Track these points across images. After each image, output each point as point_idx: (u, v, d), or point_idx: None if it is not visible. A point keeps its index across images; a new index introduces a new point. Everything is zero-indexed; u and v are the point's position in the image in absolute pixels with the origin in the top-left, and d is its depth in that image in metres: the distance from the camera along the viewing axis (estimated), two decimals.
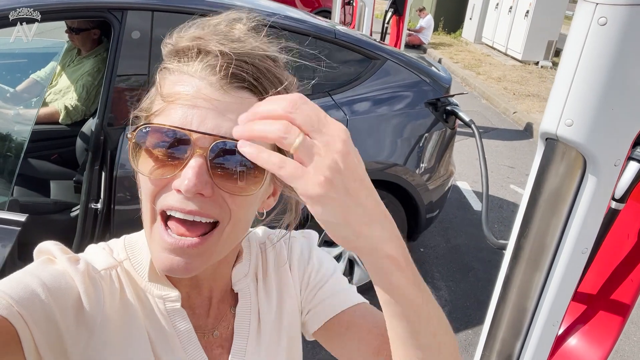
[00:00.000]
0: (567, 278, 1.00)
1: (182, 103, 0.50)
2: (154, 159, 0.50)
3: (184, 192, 0.47)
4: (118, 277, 0.58)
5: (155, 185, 0.51)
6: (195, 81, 0.50)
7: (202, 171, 0.48)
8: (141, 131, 0.51)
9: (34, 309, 0.47)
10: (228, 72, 0.50)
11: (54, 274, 0.52)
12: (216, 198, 0.50)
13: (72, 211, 2.18)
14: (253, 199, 0.54)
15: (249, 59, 0.51)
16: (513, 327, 1.10)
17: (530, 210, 0.99)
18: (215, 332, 0.64)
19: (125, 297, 0.57)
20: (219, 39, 0.51)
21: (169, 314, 0.59)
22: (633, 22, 0.75)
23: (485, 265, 3.32)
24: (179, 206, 0.49)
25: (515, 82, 8.23)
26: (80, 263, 0.54)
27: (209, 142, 0.48)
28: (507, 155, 5.34)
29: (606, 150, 0.85)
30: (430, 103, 2.63)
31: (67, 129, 2.67)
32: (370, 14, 5.20)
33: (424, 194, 2.69)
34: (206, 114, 0.49)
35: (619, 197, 1.04)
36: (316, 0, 10.52)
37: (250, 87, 0.51)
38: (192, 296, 0.62)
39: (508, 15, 9.91)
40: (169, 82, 0.53)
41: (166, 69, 0.54)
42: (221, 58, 0.50)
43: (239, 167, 0.49)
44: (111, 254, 0.60)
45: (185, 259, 0.50)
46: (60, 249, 0.56)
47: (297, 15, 2.48)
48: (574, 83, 0.82)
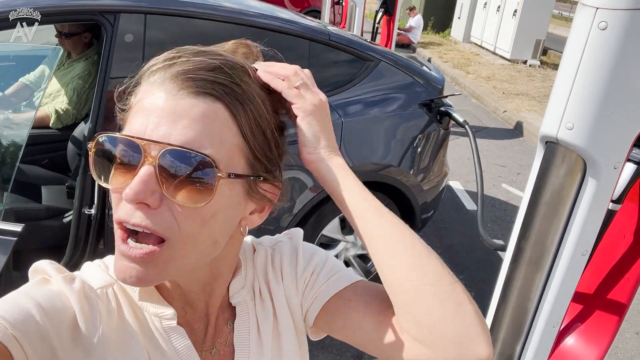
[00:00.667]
0: (568, 280, 1.00)
1: (141, 112, 0.50)
2: (112, 170, 0.50)
3: (126, 201, 0.47)
4: (115, 295, 0.57)
5: (115, 197, 0.50)
6: (155, 90, 0.50)
7: (149, 179, 0.47)
8: (98, 141, 0.51)
9: (28, 331, 0.46)
10: (186, 79, 0.50)
11: (49, 295, 0.51)
12: (163, 211, 0.49)
13: (64, 217, 2.15)
14: (209, 213, 0.51)
15: (215, 63, 0.51)
16: (514, 328, 1.10)
17: (530, 213, 0.99)
18: (213, 350, 0.63)
19: (122, 315, 0.56)
20: (185, 53, 0.53)
21: (166, 332, 0.58)
22: (633, 26, 0.76)
23: (480, 265, 3.34)
24: (124, 217, 0.48)
25: (504, 81, 8.30)
26: (76, 282, 0.54)
27: (158, 150, 0.48)
28: (498, 154, 5.38)
29: (606, 153, 0.86)
30: (423, 104, 2.63)
31: (58, 133, 2.64)
32: (360, 14, 5.20)
33: (418, 195, 2.70)
34: (159, 121, 0.49)
35: (616, 198, 1.05)
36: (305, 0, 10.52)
37: (212, 93, 0.50)
38: (189, 313, 0.61)
39: (496, 14, 9.99)
40: (137, 94, 0.53)
41: (140, 81, 0.54)
42: (181, 66, 0.50)
43: (186, 178, 0.48)
44: (107, 271, 0.59)
45: (138, 267, 0.49)
46: (55, 268, 0.55)
47: (289, 17, 2.47)
48: (575, 87, 0.83)
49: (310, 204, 2.39)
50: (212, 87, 0.50)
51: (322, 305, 0.66)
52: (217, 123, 0.50)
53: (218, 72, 0.51)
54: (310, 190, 2.35)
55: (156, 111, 0.49)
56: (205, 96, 0.50)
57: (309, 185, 2.34)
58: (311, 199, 2.38)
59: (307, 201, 2.37)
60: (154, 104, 0.49)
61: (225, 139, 0.51)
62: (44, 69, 2.61)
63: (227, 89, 0.51)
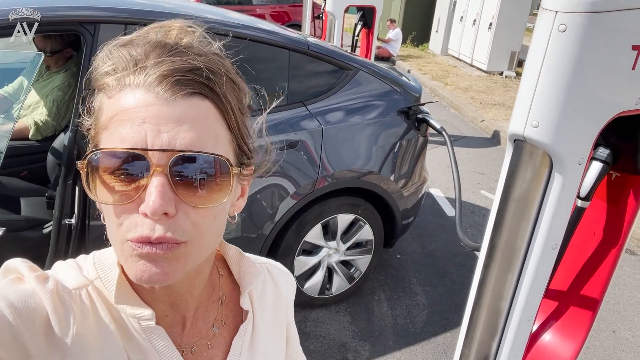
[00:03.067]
0: (540, 273, 1.03)
1: (130, 120, 0.47)
2: (113, 186, 0.47)
3: (150, 215, 0.45)
4: (89, 296, 0.55)
5: (120, 213, 0.48)
6: (141, 93, 0.47)
7: (165, 189, 0.46)
8: (92, 158, 0.47)
9: (1, 332, 0.45)
10: (175, 80, 0.47)
11: (22, 294, 0.49)
12: (179, 217, 0.48)
13: (44, 228, 2.12)
14: (220, 208, 0.52)
15: (195, 64, 0.49)
16: (489, 325, 1.12)
17: (501, 210, 1.03)
18: (193, 349, 0.62)
19: (98, 316, 0.55)
20: (158, 51, 0.49)
21: (145, 332, 0.56)
22: (591, 28, 0.80)
23: (460, 269, 3.39)
24: (146, 234, 0.47)
25: (481, 92, 8.47)
26: (50, 282, 0.52)
27: (167, 158, 0.46)
28: (476, 162, 5.48)
29: (570, 149, 0.90)
30: (402, 112, 2.69)
31: (37, 144, 2.61)
32: (340, 27, 5.28)
33: (399, 201, 2.74)
34: (159, 128, 0.46)
35: (584, 196, 1.08)
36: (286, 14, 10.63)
37: (201, 92, 0.49)
38: (169, 314, 0.60)
39: (472, 27, 10.22)
40: (111, 100, 0.49)
41: (105, 86, 0.50)
42: (164, 66, 0.47)
43: (201, 180, 0.48)
44: (81, 271, 0.57)
45: (162, 264, 0.48)
46: (28, 267, 0.53)
47: (270, 28, 2.51)
48: (538, 87, 0.87)
49: (292, 210, 2.41)
50: (199, 86, 0.49)
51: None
52: (210, 121, 0.50)
53: (200, 71, 0.49)
54: (291, 197, 2.38)
55: (152, 118, 0.47)
56: (195, 96, 0.49)
57: (290, 192, 2.36)
58: (293, 205, 2.40)
59: (288, 208, 2.39)
60: (146, 110, 0.47)
61: (219, 135, 0.51)
62: (22, 80, 2.59)
63: (211, 87, 0.50)
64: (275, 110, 2.34)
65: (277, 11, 10.64)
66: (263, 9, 10.49)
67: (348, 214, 2.67)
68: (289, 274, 0.79)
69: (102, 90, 0.51)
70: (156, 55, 0.48)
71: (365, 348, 2.63)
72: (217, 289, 0.66)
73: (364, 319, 2.84)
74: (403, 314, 2.93)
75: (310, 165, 2.39)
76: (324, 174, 2.42)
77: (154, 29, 0.53)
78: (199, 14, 2.27)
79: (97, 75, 0.51)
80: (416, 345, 2.70)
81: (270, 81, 2.34)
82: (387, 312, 2.93)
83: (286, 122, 2.35)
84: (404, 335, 2.77)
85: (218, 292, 0.66)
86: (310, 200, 2.45)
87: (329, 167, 2.43)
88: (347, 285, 2.89)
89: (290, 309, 0.77)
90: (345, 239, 2.76)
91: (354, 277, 2.90)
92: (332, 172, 2.44)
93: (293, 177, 2.36)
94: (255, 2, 10.74)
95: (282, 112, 2.35)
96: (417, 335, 2.77)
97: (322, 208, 2.54)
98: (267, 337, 0.70)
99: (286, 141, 2.31)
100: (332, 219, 2.63)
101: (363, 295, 3.05)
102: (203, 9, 2.72)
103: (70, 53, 2.69)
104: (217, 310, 0.65)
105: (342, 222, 2.68)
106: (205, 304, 0.64)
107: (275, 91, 2.29)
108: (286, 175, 2.34)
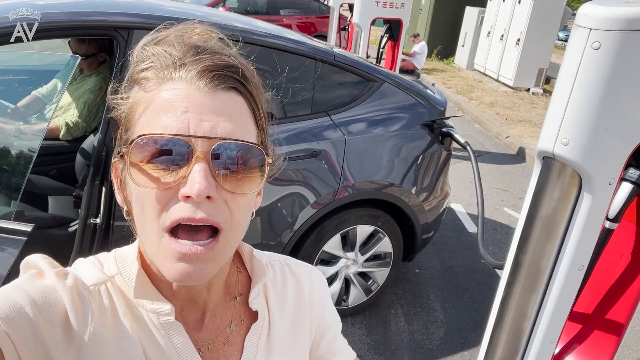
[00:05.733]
0: (564, 294, 1.01)
1: (173, 109, 0.49)
2: (155, 171, 0.49)
3: (195, 197, 0.47)
4: (108, 292, 0.56)
5: (160, 199, 0.49)
6: (182, 86, 0.50)
7: (207, 174, 0.48)
8: (138, 144, 0.49)
9: (20, 327, 0.46)
10: (214, 75, 0.51)
11: (42, 290, 0.50)
12: (219, 203, 0.50)
13: (70, 226, 2.17)
14: (251, 199, 0.55)
15: (232, 62, 0.52)
16: (511, 346, 1.10)
17: (527, 227, 1.01)
18: (210, 346, 0.62)
19: (116, 313, 0.55)
20: (194, 50, 0.52)
21: (163, 327, 0.57)
22: (625, 46, 0.79)
23: (480, 287, 3.33)
24: (188, 215, 0.48)
25: (507, 108, 8.38)
26: (69, 278, 0.53)
27: (209, 145, 0.49)
28: (500, 179, 5.40)
29: (600, 168, 0.88)
30: (426, 125, 2.68)
31: (67, 145, 2.69)
32: (366, 39, 5.31)
33: (420, 215, 2.71)
34: (200, 117, 0.49)
35: (613, 217, 1.06)
36: (312, 25, 10.73)
37: (236, 88, 0.52)
38: (186, 309, 0.61)
39: (500, 43, 10.15)
40: (150, 94, 0.52)
41: (142, 80, 0.53)
42: (204, 62, 0.51)
43: (240, 167, 0.51)
44: (101, 268, 0.58)
45: (200, 265, 0.50)
46: (48, 263, 0.54)
47: (296, 37, 2.53)
48: (570, 104, 0.86)
49: (311, 220, 2.41)
50: (235, 82, 0.52)
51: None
52: (244, 115, 0.53)
53: (237, 69, 0.53)
54: (311, 206, 2.38)
55: (194, 108, 0.49)
56: (231, 91, 0.52)
57: (310, 201, 2.37)
58: (312, 214, 2.40)
59: (308, 217, 2.39)
60: (189, 100, 0.50)
61: (251, 129, 0.54)
62: (56, 82, 2.68)
63: (244, 84, 0.53)
64: (299, 119, 2.36)
65: (304, 22, 10.76)
66: (290, 20, 10.62)
67: (368, 225, 2.65)
68: (313, 268, 0.78)
69: (138, 84, 0.53)
70: (193, 54, 0.52)
71: None
72: (234, 286, 0.67)
73: (379, 333, 2.81)
74: (420, 330, 2.89)
75: (331, 175, 2.39)
76: (345, 184, 2.41)
77: (175, 31, 0.56)
78: (227, 22, 2.32)
79: (135, 70, 0.54)
80: None
81: (295, 90, 2.36)
82: (403, 326, 2.90)
83: (309, 131, 2.36)
84: (421, 351, 2.72)
85: (235, 290, 0.67)
86: (330, 210, 2.45)
87: (350, 177, 2.43)
88: (364, 298, 2.87)
89: (318, 303, 0.75)
90: (364, 250, 2.74)
91: (371, 289, 2.88)
92: (353, 182, 2.44)
93: (314, 187, 2.36)
94: (283, 12, 10.89)
95: (305, 122, 2.37)
96: (433, 352, 2.73)
97: (341, 218, 2.54)
98: (286, 334, 0.69)
99: (309, 150, 2.32)
100: (352, 229, 2.62)
101: (380, 308, 3.02)
102: (232, 18, 2.77)
103: (104, 57, 2.77)
104: (234, 308, 0.66)
105: (361, 233, 2.67)
106: (223, 301, 0.65)
107: (300, 100, 2.31)
108: (307, 184, 2.34)
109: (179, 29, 0.57)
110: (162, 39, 0.55)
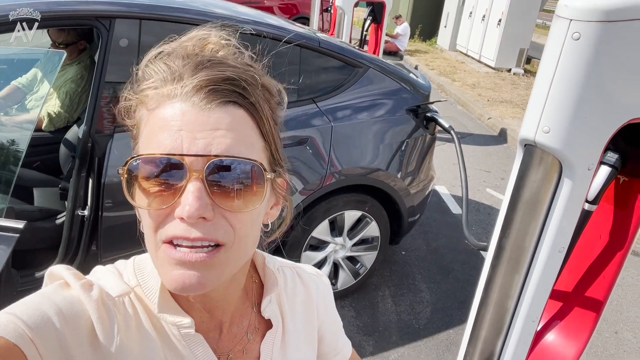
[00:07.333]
0: (546, 275, 1.05)
1: (167, 128, 0.49)
2: (150, 191, 0.49)
3: (187, 219, 0.47)
4: (132, 304, 0.56)
5: (156, 217, 0.49)
6: (177, 104, 0.49)
7: (202, 194, 0.47)
8: (132, 164, 0.49)
9: (47, 337, 0.46)
10: (210, 90, 0.49)
11: (70, 300, 0.51)
12: (218, 220, 0.49)
13: (57, 218, 2.16)
14: (256, 214, 0.53)
15: (230, 74, 0.50)
16: (495, 324, 1.14)
17: (510, 213, 1.04)
18: (229, 357, 0.62)
19: (140, 324, 0.56)
20: (193, 63, 0.51)
21: (185, 339, 0.57)
22: (604, 37, 0.81)
23: (464, 267, 3.41)
24: (182, 234, 0.48)
25: (489, 89, 8.45)
26: (94, 290, 0.53)
27: (203, 163, 0.48)
28: (482, 160, 5.48)
29: (580, 155, 0.91)
30: (410, 110, 2.70)
31: (50, 136, 2.65)
32: (349, 21, 5.28)
33: (406, 199, 2.76)
34: (194, 134, 0.48)
35: (592, 199, 1.09)
36: (294, 7, 10.59)
37: (235, 101, 0.50)
38: (206, 321, 0.61)
39: (481, 23, 10.16)
40: (151, 112, 0.51)
41: (144, 99, 0.52)
42: (200, 77, 0.49)
43: (237, 185, 0.49)
44: (121, 278, 0.58)
45: (197, 273, 0.49)
46: (73, 274, 0.54)
47: (279, 24, 2.52)
48: (550, 93, 0.88)
49: (300, 206, 2.43)
50: (234, 95, 0.50)
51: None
52: (245, 128, 0.51)
53: (235, 81, 0.51)
54: (300, 193, 2.40)
55: (188, 125, 0.48)
56: (229, 105, 0.50)
57: (298, 187, 2.39)
58: (301, 201, 2.42)
59: (297, 203, 2.41)
60: (183, 118, 0.49)
61: (253, 142, 0.52)
62: (36, 71, 2.62)
63: (245, 95, 0.51)
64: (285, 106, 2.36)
65: (286, 4, 10.60)
66: (271, 1, 10.46)
67: (355, 210, 2.69)
68: (321, 276, 0.80)
69: (142, 104, 0.53)
70: (192, 67, 0.51)
71: (369, 343, 2.66)
72: (250, 294, 0.68)
73: (368, 314, 2.88)
74: (407, 310, 2.96)
75: (318, 162, 2.41)
76: (332, 171, 2.44)
77: (191, 40, 0.55)
78: (210, 9, 2.29)
79: (138, 89, 0.53)
80: (419, 341, 2.74)
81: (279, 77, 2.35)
82: (391, 308, 2.97)
83: (296, 118, 2.37)
84: (408, 331, 2.80)
85: (251, 298, 0.68)
86: (318, 197, 2.48)
87: (337, 164, 2.45)
88: (353, 281, 2.92)
89: (323, 309, 0.78)
90: (352, 235, 2.78)
91: (359, 272, 2.93)
92: (340, 169, 2.46)
93: (301, 173, 2.38)
94: None
95: (292, 109, 2.37)
96: (420, 332, 2.81)
97: (329, 204, 2.57)
98: (299, 340, 0.71)
99: (296, 137, 2.33)
100: (339, 215, 2.65)
101: (368, 290, 3.08)
102: (212, 3, 2.73)
103: (84, 45, 2.72)
104: (250, 316, 0.67)
105: (349, 219, 2.71)
106: (240, 309, 0.65)
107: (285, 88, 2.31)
108: (295, 171, 2.36)
109: (193, 36, 0.56)
110: (171, 52, 0.54)
